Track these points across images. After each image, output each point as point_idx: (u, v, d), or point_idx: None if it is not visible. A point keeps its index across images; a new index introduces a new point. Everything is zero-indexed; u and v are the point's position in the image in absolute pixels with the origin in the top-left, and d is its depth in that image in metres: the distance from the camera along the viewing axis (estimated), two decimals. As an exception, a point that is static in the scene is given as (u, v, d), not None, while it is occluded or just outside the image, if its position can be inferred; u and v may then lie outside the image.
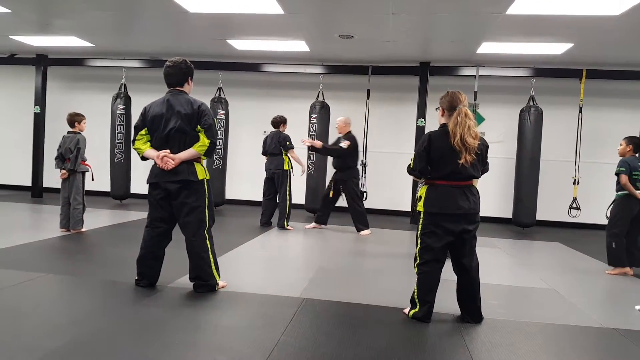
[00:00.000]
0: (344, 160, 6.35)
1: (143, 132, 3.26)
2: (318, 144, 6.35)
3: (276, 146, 6.39)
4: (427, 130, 7.82)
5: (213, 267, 3.34)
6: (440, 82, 8.12)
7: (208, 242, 3.30)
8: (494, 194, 8.25)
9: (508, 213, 8.07)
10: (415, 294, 2.97)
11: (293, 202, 6.72)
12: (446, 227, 2.87)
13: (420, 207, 2.93)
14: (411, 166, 2.97)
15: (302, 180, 8.02)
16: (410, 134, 8.18)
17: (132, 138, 3.34)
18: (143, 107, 3.33)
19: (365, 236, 6.26)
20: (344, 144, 6.27)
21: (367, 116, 8.16)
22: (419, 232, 2.93)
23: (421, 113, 7.77)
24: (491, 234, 6.90)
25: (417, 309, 2.96)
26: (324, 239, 6.03)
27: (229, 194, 8.66)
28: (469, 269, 2.97)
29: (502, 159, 8.19)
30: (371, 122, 8.30)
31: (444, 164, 2.87)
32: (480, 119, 7.62)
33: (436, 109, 3.08)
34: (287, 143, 6.39)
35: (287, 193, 6.40)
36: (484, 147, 2.94)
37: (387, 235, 6.45)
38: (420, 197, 2.95)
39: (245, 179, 8.88)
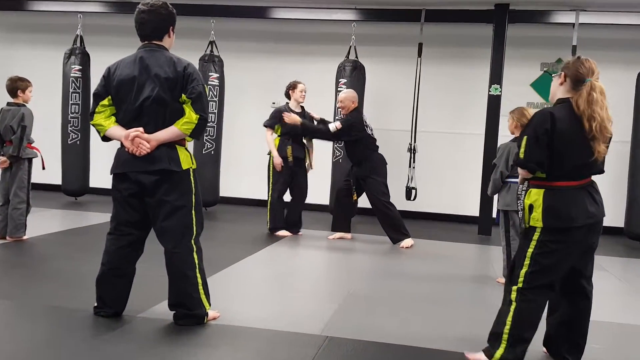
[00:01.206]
0: (354, 150, 6.42)
1: (106, 102, 3.29)
2: (294, 118, 6.36)
3: None
4: (504, 101, 7.87)
5: (201, 291, 3.36)
6: (523, 32, 7.96)
7: (195, 255, 3.31)
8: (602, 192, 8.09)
9: (618, 220, 7.91)
10: (507, 328, 2.94)
11: (313, 201, 6.74)
12: (574, 243, 2.91)
13: (537, 221, 2.91)
14: (521, 156, 2.94)
15: (324, 171, 8.00)
16: (478, 107, 8.08)
17: (90, 110, 3.38)
18: (106, 67, 3.36)
19: (407, 248, 6.26)
20: (333, 125, 6.34)
21: (418, 81, 8.08)
22: (530, 250, 2.93)
23: (496, 77, 7.67)
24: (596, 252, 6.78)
25: (502, 349, 2.93)
26: (354, 254, 6.00)
27: (225, 190, 8.74)
28: (587, 295, 3.04)
29: (612, 143, 8.02)
30: (424, 89, 8.22)
31: (571, 156, 2.88)
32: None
33: (552, 74, 3.10)
34: (269, 118, 6.54)
35: (268, 186, 6.57)
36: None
37: (444, 249, 6.40)
38: (532, 206, 2.93)
39: (246, 168, 8.92)
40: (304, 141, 6.62)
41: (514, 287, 2.95)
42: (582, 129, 2.85)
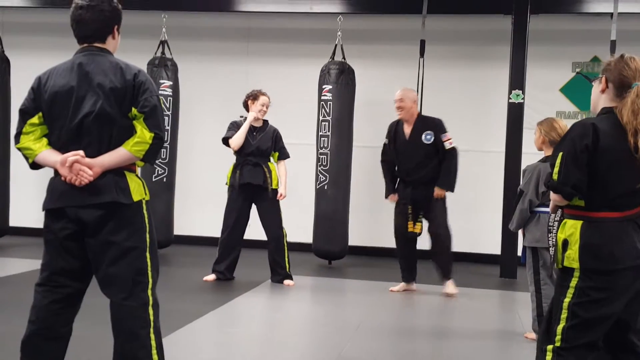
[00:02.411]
0: (436, 165, 6.48)
1: (35, 120, 3.25)
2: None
3: None
4: (528, 111, 7.93)
5: (155, 356, 3.28)
6: (549, 24, 8.07)
7: (151, 310, 3.26)
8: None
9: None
10: None
11: (291, 239, 6.74)
12: (619, 289, 2.88)
13: (572, 261, 2.90)
14: (555, 177, 2.93)
15: (305, 201, 8.02)
16: (496, 118, 8.16)
17: (16, 131, 3.37)
18: (36, 77, 3.33)
19: (451, 296, 6.36)
20: (448, 140, 6.43)
21: (421, 87, 8.15)
22: (567, 299, 2.93)
23: (517, 81, 7.76)
24: None
25: None
26: (344, 305, 6.00)
27: (180, 227, 8.71)
28: (638, 352, 2.99)
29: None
30: (428, 97, 8.24)
31: (616, 180, 2.88)
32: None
33: (592, 80, 3.09)
34: (227, 130, 6.69)
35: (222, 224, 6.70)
36: None
37: (457, 297, 6.43)
38: (567, 241, 2.93)
39: (207, 200, 8.88)
40: (270, 164, 6.65)
41: (549, 347, 2.92)
42: (630, 146, 2.83)
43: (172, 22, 8.44)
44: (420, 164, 6.45)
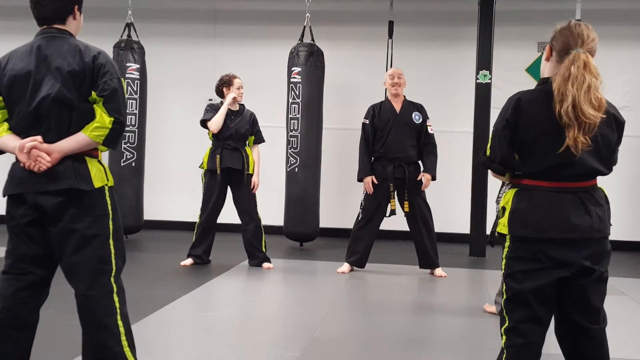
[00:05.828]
0: (417, 147, 6.53)
1: (-4, 104, 3.23)
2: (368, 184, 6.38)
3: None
4: (495, 91, 7.98)
5: (124, 342, 3.28)
6: (515, 5, 8.10)
7: (116, 297, 3.24)
8: (615, 199, 8.23)
9: (636, 234, 8.10)
10: None
11: (263, 222, 6.69)
12: (545, 261, 2.78)
13: (503, 227, 2.87)
14: (488, 154, 2.93)
15: (276, 183, 7.99)
16: (464, 98, 8.20)
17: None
18: (-4, 61, 3.30)
19: (442, 277, 6.41)
20: (430, 126, 6.54)
21: (390, 68, 8.17)
22: (503, 272, 2.88)
23: (484, 61, 7.77)
24: (614, 272, 6.86)
25: None
26: (316, 287, 6.01)
27: (150, 212, 8.66)
28: (591, 334, 2.89)
29: (627, 138, 8.17)
30: (397, 78, 8.32)
31: (544, 149, 2.80)
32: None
33: (542, 50, 3.07)
34: (205, 113, 6.60)
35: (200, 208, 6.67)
36: (615, 123, 2.88)
37: (428, 277, 6.48)
38: (505, 209, 2.90)
39: (177, 184, 8.87)
40: (247, 148, 6.59)
41: (503, 328, 2.87)
42: (555, 114, 2.76)
43: (138, 4, 8.33)
44: (407, 143, 6.45)
